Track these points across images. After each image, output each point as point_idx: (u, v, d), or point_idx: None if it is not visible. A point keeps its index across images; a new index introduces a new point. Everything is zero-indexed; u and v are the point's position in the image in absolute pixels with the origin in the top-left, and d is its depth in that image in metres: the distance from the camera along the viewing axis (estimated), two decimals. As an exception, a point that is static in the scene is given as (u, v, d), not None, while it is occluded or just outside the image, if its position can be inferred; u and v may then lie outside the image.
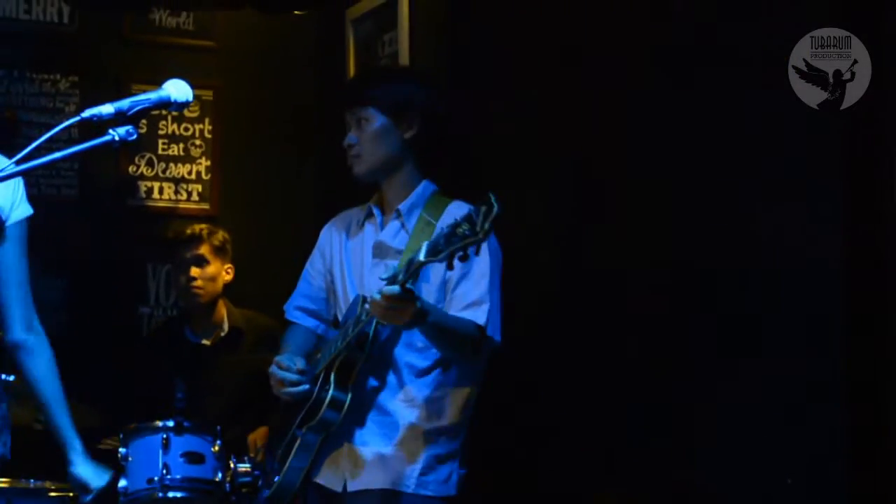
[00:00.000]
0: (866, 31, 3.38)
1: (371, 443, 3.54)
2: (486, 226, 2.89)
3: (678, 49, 3.83)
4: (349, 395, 3.48)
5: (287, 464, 3.62)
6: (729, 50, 3.65)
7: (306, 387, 3.54)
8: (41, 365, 3.71)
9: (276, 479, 3.67)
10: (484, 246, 3.10)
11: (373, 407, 3.54)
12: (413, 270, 3.12)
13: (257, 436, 4.85)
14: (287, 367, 3.57)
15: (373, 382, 3.54)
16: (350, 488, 3.55)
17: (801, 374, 3.40)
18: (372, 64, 5.50)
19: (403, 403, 3.54)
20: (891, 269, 3.28)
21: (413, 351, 3.53)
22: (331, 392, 3.46)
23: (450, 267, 3.02)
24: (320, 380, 3.52)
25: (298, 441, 3.60)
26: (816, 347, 3.37)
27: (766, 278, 3.52)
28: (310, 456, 3.60)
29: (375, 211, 3.70)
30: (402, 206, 3.62)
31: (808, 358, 3.39)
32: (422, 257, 3.06)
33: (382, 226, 3.67)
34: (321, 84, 6.19)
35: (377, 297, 3.18)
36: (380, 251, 3.63)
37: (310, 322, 3.85)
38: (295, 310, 3.87)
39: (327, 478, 3.61)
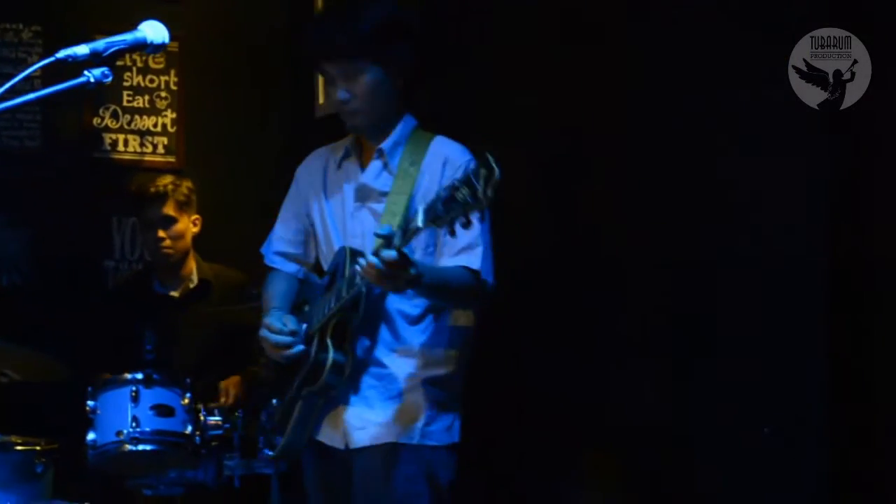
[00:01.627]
0: (866, 32, 3.38)
1: (370, 397, 3.47)
2: (489, 192, 2.77)
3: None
4: (349, 357, 3.40)
5: (290, 425, 3.54)
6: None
7: (301, 348, 3.46)
8: None
9: (278, 440, 3.60)
10: None
11: (370, 363, 3.46)
12: (410, 236, 3.03)
13: (230, 383, 4.82)
14: (278, 330, 3.49)
15: (365, 340, 3.46)
16: (352, 445, 3.48)
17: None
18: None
19: (399, 354, 3.48)
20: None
21: (404, 299, 3.44)
22: (330, 356, 3.37)
23: (451, 233, 2.91)
24: (315, 341, 3.43)
25: (300, 404, 3.51)
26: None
27: (753, 236, 3.53)
28: (312, 417, 3.53)
29: (352, 152, 3.57)
30: (385, 146, 3.50)
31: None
32: (420, 223, 2.96)
33: (362, 167, 3.55)
34: (288, 32, 6.10)
35: (372, 259, 3.08)
36: (362, 194, 3.52)
37: (290, 267, 3.73)
38: (275, 255, 3.75)
39: (328, 436, 3.54)
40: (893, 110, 3.34)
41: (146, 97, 6.06)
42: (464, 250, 3.38)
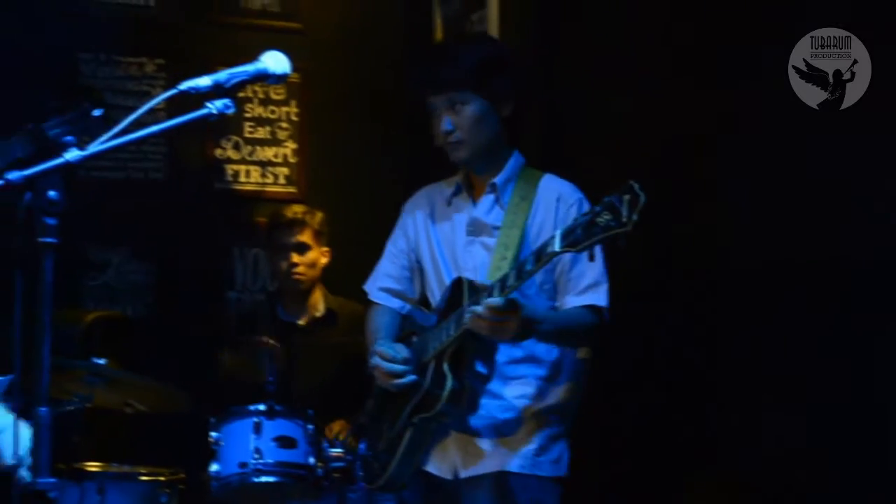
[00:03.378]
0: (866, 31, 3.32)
1: (480, 427, 3.44)
2: (634, 217, 2.77)
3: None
4: (466, 385, 3.36)
5: (398, 455, 3.50)
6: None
7: (414, 378, 3.43)
8: None
9: (384, 470, 3.56)
10: None
11: (481, 392, 3.42)
12: (545, 260, 3.00)
13: (336, 428, 4.78)
14: (392, 358, 3.47)
15: (481, 368, 3.42)
16: (462, 475, 3.46)
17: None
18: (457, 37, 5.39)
19: (510, 384, 3.46)
20: None
21: None
22: (449, 384, 3.32)
23: (590, 258, 2.91)
24: (431, 368, 3.39)
25: (410, 432, 3.47)
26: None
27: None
28: (422, 446, 3.50)
29: (463, 188, 3.60)
30: (498, 180, 3.52)
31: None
32: (557, 247, 2.93)
33: (474, 201, 3.57)
34: (409, 64, 6.11)
35: (476, 308, 3.10)
36: (474, 228, 3.53)
37: (394, 303, 3.75)
38: (379, 290, 3.77)
39: (436, 466, 3.52)
40: None
41: (267, 128, 6.11)
42: (590, 288, 3.38)
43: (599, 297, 3.37)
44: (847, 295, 3.47)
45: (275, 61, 2.71)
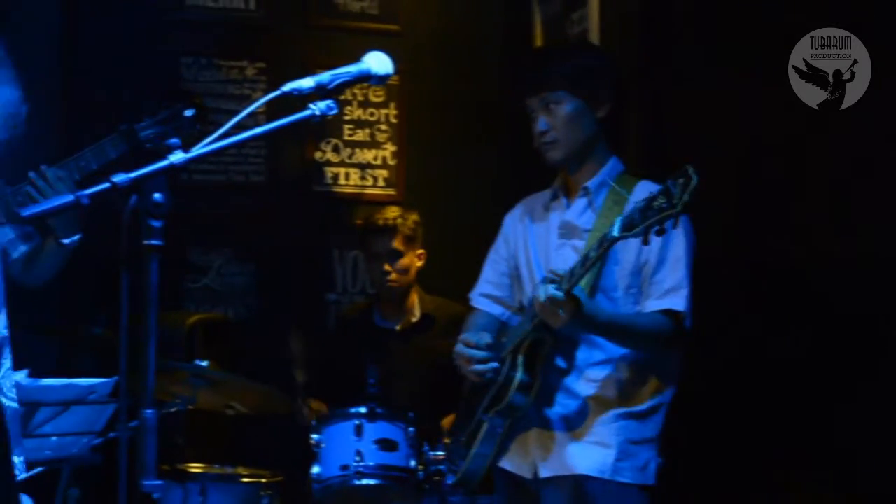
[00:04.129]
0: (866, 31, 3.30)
1: (561, 427, 3.43)
2: (685, 197, 2.82)
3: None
4: (538, 379, 3.38)
5: (473, 450, 3.53)
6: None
7: (495, 364, 3.46)
8: None
9: (460, 464, 3.58)
10: (680, 229, 3.07)
11: (560, 389, 3.43)
12: (606, 247, 3.06)
13: (448, 422, 4.77)
14: (474, 344, 3.50)
15: (560, 364, 3.44)
16: (541, 475, 3.44)
17: None
18: (556, 42, 5.36)
19: (592, 384, 3.43)
20: None
21: None
22: (518, 375, 3.37)
23: (645, 242, 2.96)
24: (507, 362, 3.42)
25: (485, 426, 3.51)
26: None
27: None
28: (496, 441, 3.51)
29: (560, 192, 3.60)
30: (591, 184, 3.52)
31: None
32: (616, 233, 3.01)
33: (568, 204, 3.57)
34: (508, 66, 6.08)
35: (536, 292, 3.16)
36: (566, 231, 3.53)
37: (495, 309, 3.76)
38: (481, 297, 3.80)
39: (516, 464, 3.52)
40: None
41: (367, 130, 6.11)
42: (670, 292, 3.36)
43: (678, 302, 3.33)
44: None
45: (378, 62, 2.69)
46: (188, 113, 3.87)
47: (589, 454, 3.39)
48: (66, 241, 3.58)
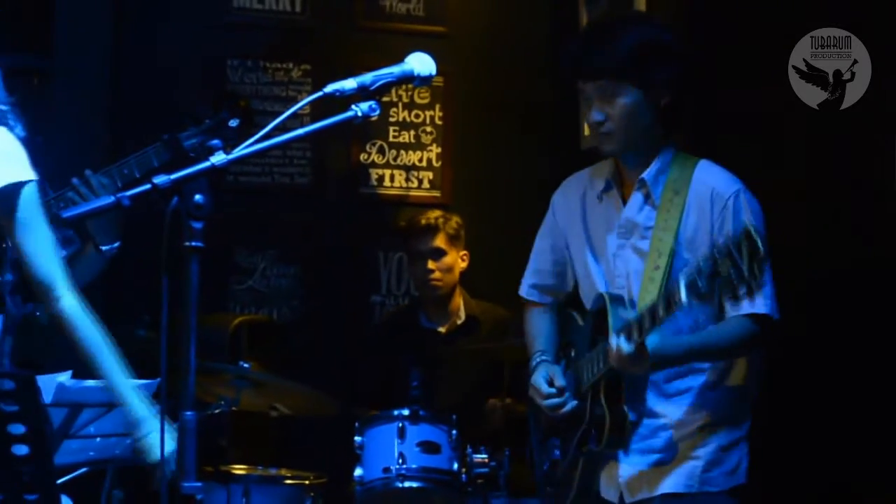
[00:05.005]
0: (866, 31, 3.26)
1: (644, 448, 3.32)
2: (756, 271, 2.64)
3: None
4: (626, 414, 3.28)
5: (576, 481, 3.43)
6: None
7: (574, 404, 3.38)
8: None
9: (564, 499, 3.49)
10: (752, 221, 2.89)
11: (644, 413, 3.32)
12: (673, 309, 2.91)
13: (497, 403, 4.74)
14: (547, 395, 3.42)
15: (640, 390, 3.32)
16: (627, 499, 3.35)
17: None
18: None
19: (674, 400, 3.32)
20: None
21: None
22: (608, 417, 3.26)
23: (720, 310, 2.93)
24: (588, 403, 3.33)
25: (582, 460, 3.41)
26: None
27: None
28: (596, 473, 3.42)
29: (613, 184, 3.39)
30: (647, 176, 3.31)
31: None
32: (683, 298, 2.84)
33: (624, 200, 3.38)
34: (554, 67, 6.03)
35: (610, 345, 3.10)
36: (625, 230, 3.35)
37: (546, 299, 3.65)
38: (530, 288, 3.66)
39: (604, 489, 3.42)
40: None
41: (412, 132, 6.10)
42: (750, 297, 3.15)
43: (758, 306, 3.16)
44: None
45: (420, 63, 2.67)
46: (233, 123, 3.87)
47: (674, 471, 3.30)
48: (104, 247, 3.58)
